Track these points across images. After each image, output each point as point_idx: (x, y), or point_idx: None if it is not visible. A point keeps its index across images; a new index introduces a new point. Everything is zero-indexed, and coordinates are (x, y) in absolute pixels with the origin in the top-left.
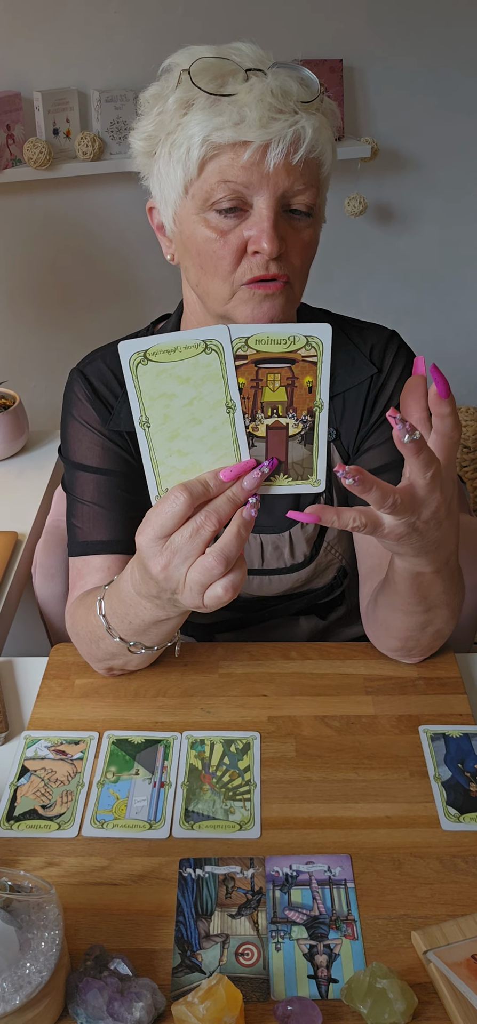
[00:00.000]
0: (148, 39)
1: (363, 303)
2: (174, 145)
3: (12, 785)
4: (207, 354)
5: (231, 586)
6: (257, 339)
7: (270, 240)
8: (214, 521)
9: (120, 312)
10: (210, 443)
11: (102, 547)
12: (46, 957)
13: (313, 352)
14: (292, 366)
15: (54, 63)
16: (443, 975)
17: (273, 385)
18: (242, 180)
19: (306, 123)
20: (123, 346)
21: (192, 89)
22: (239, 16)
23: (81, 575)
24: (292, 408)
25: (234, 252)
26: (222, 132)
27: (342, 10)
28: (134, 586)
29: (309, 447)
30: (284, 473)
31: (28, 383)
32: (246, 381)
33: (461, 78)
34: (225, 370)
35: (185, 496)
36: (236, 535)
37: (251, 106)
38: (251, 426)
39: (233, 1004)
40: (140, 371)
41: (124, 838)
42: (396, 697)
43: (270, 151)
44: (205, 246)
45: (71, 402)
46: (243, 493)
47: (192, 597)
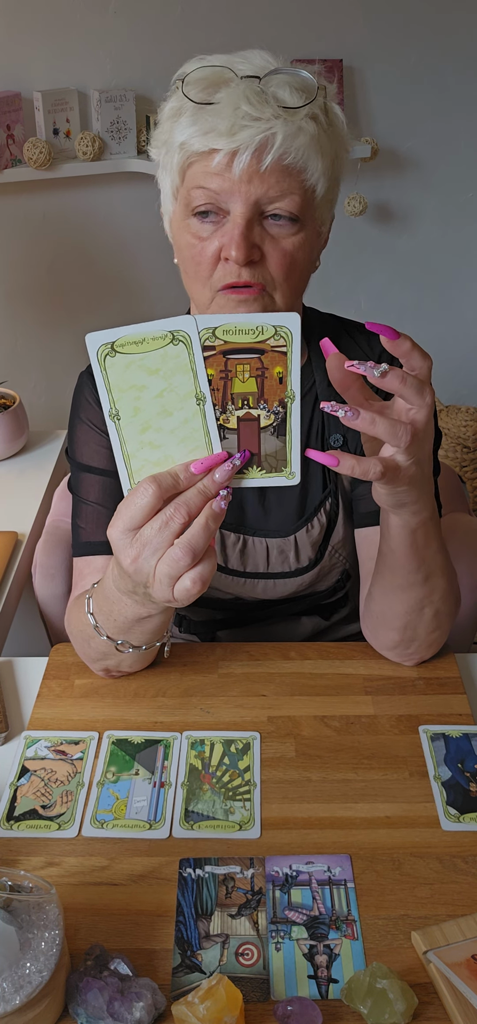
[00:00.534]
0: (147, 39)
1: (362, 303)
2: (166, 152)
3: (12, 785)
4: (175, 345)
5: (199, 578)
6: (224, 329)
7: (237, 247)
8: (183, 513)
9: (120, 312)
10: (182, 435)
11: (105, 548)
12: (46, 957)
13: (282, 342)
14: (261, 356)
15: (54, 63)
16: (443, 975)
17: (243, 376)
18: (215, 187)
19: (279, 129)
20: (90, 337)
21: (182, 98)
22: (238, 16)
23: (83, 575)
24: (263, 399)
25: (210, 258)
26: (194, 140)
27: (342, 10)
28: (114, 582)
29: (282, 439)
30: (257, 465)
31: (28, 383)
32: (215, 372)
33: (461, 78)
34: (193, 361)
35: (154, 488)
36: (204, 527)
37: (223, 114)
38: (222, 418)
39: (233, 1004)
40: (108, 363)
41: (124, 838)
42: (396, 697)
43: (237, 158)
44: (187, 251)
45: (79, 404)
46: (214, 486)
47: (162, 590)
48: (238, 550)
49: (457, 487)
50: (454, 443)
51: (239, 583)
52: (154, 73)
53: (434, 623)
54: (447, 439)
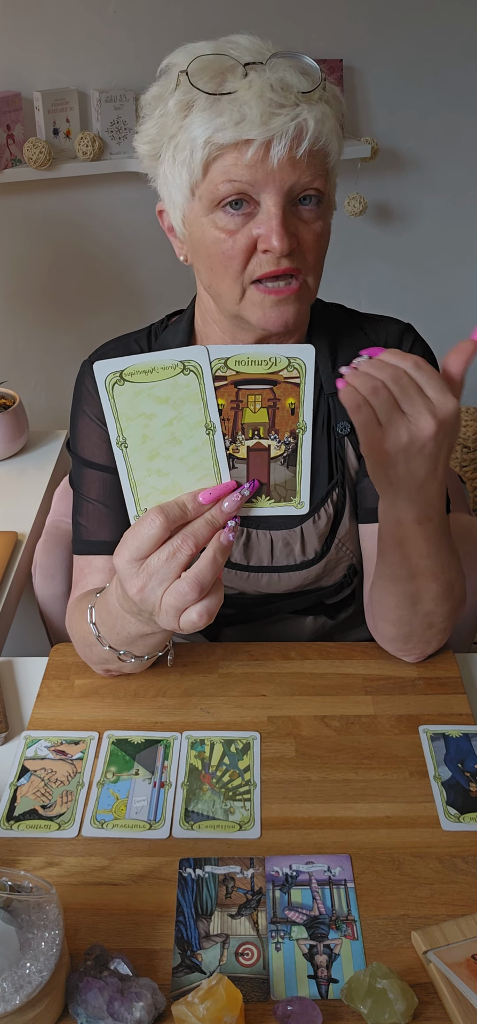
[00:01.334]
0: (147, 39)
1: (362, 303)
2: (177, 148)
3: (12, 785)
4: (185, 375)
5: (206, 612)
6: (237, 360)
7: (280, 238)
8: (191, 545)
9: (120, 312)
10: (191, 463)
11: (105, 547)
12: (46, 957)
13: (295, 373)
14: (274, 387)
15: (54, 63)
16: (443, 975)
17: (254, 406)
18: (247, 179)
19: (308, 115)
20: (98, 366)
21: (191, 90)
22: (238, 16)
23: (83, 574)
24: (274, 430)
25: (243, 251)
26: (224, 132)
27: (342, 10)
28: (118, 601)
29: (292, 469)
30: (266, 495)
31: (28, 383)
32: (226, 402)
33: (461, 78)
34: (204, 391)
35: (161, 519)
36: (211, 561)
37: (251, 103)
38: (232, 447)
39: (233, 1004)
40: (116, 391)
41: (124, 838)
42: (396, 697)
43: (273, 147)
44: (214, 247)
45: (82, 396)
46: (222, 516)
47: (167, 620)
48: (242, 543)
49: (457, 487)
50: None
51: (243, 577)
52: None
53: (426, 622)
54: None
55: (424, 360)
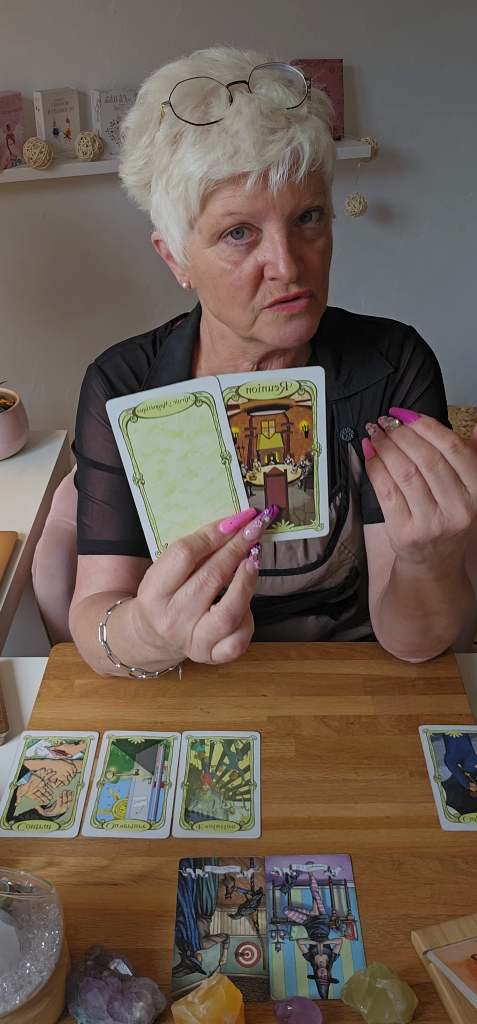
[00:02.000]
0: (147, 39)
1: (362, 303)
2: (170, 182)
3: (12, 785)
4: (198, 406)
5: (239, 643)
6: (248, 387)
7: (288, 265)
8: (217, 577)
9: (120, 312)
10: (208, 495)
11: (110, 547)
12: (46, 957)
13: (307, 396)
14: (286, 412)
15: (54, 63)
16: (443, 975)
17: (268, 432)
18: (248, 210)
19: (302, 136)
20: (111, 405)
21: (177, 122)
22: (238, 16)
23: (87, 575)
24: (289, 454)
25: (250, 280)
26: (219, 167)
27: (342, 10)
28: (138, 633)
29: (310, 491)
30: (285, 519)
31: (28, 383)
32: (240, 430)
33: (461, 78)
34: (217, 421)
35: (185, 553)
36: (241, 592)
37: (243, 134)
38: (248, 475)
39: (233, 1004)
40: (130, 428)
41: (124, 838)
42: (396, 697)
43: (271, 176)
44: (220, 279)
45: (88, 398)
46: (245, 544)
47: (199, 653)
48: None
49: None
50: None
51: None
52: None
53: (436, 641)
54: None
55: (462, 441)
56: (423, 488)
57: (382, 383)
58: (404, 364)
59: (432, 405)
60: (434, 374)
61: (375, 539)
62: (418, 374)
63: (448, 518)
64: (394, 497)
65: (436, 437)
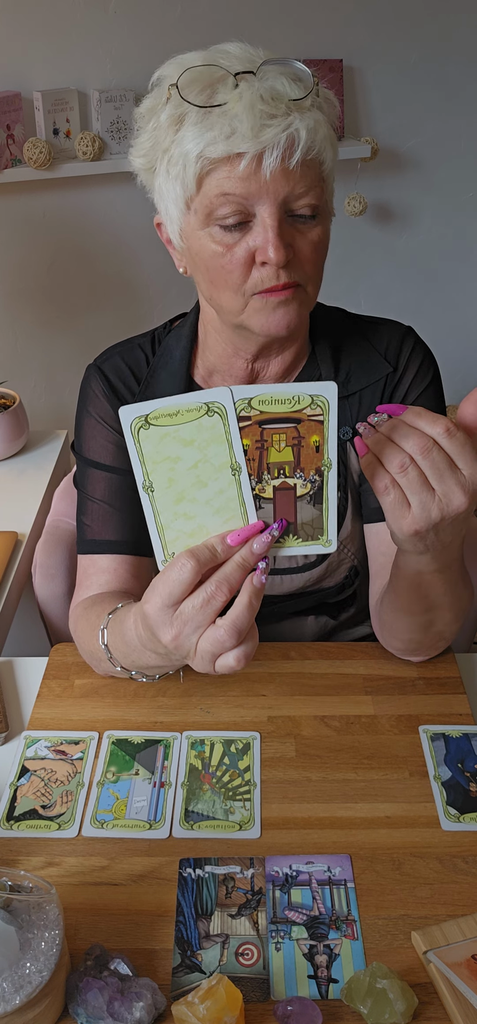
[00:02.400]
0: (147, 39)
1: (362, 303)
2: (170, 162)
3: (12, 785)
4: (210, 416)
5: (243, 656)
6: (261, 400)
7: (276, 249)
8: (225, 591)
9: (119, 312)
10: (217, 505)
11: (110, 547)
12: (46, 957)
13: (319, 411)
14: (298, 426)
15: (54, 63)
16: (443, 975)
17: (279, 445)
18: (241, 191)
19: (300, 124)
20: (123, 411)
21: (182, 104)
22: (238, 16)
23: (87, 574)
24: (299, 468)
25: (242, 264)
26: (215, 146)
27: (342, 10)
28: (140, 640)
29: (319, 507)
30: (294, 534)
31: (28, 383)
32: (251, 442)
33: (461, 78)
34: (229, 432)
35: (192, 563)
36: (247, 606)
37: (241, 116)
38: (258, 487)
39: (233, 1004)
40: (142, 435)
41: (124, 838)
42: (396, 697)
43: (265, 159)
44: (212, 261)
45: (87, 397)
46: (253, 557)
47: (203, 665)
48: None
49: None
50: None
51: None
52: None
53: (437, 638)
54: None
55: (454, 425)
56: (419, 477)
57: (381, 383)
58: (403, 364)
59: (431, 405)
60: (433, 374)
61: (375, 538)
62: (417, 374)
63: (447, 503)
64: (392, 491)
65: (428, 423)
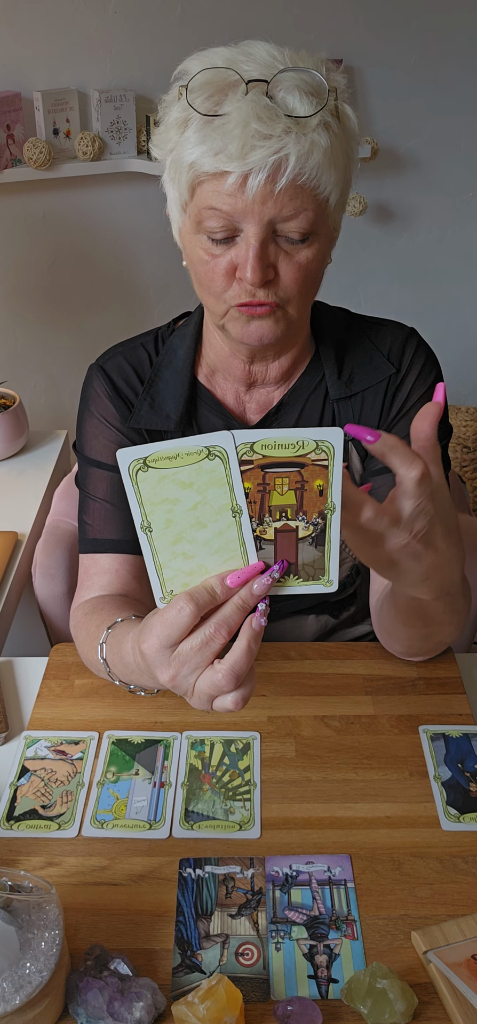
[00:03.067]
0: (147, 39)
1: (362, 303)
2: (173, 163)
3: (12, 785)
4: (210, 460)
5: (241, 700)
6: (263, 444)
7: (252, 270)
8: (224, 634)
9: (119, 312)
10: (216, 546)
11: (111, 546)
12: (46, 957)
13: (324, 456)
14: (301, 470)
15: (54, 63)
16: (443, 975)
17: (281, 489)
18: (227, 208)
19: (292, 148)
20: (121, 454)
21: (187, 108)
22: (238, 16)
23: (89, 574)
24: (302, 511)
25: (224, 275)
26: (204, 160)
27: (342, 10)
28: (138, 667)
29: (321, 548)
30: (294, 575)
31: (28, 383)
32: (252, 485)
33: (461, 78)
34: (230, 476)
35: (191, 607)
36: (246, 651)
37: (234, 133)
38: (259, 529)
39: (233, 1004)
40: (140, 477)
41: (124, 838)
42: (396, 697)
43: (250, 180)
44: (199, 266)
45: (89, 397)
46: (252, 599)
47: (201, 704)
48: None
49: (457, 487)
50: (454, 443)
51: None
52: (154, 73)
53: (439, 645)
54: None
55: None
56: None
57: (383, 384)
58: (406, 365)
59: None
60: (435, 376)
61: None
62: (419, 376)
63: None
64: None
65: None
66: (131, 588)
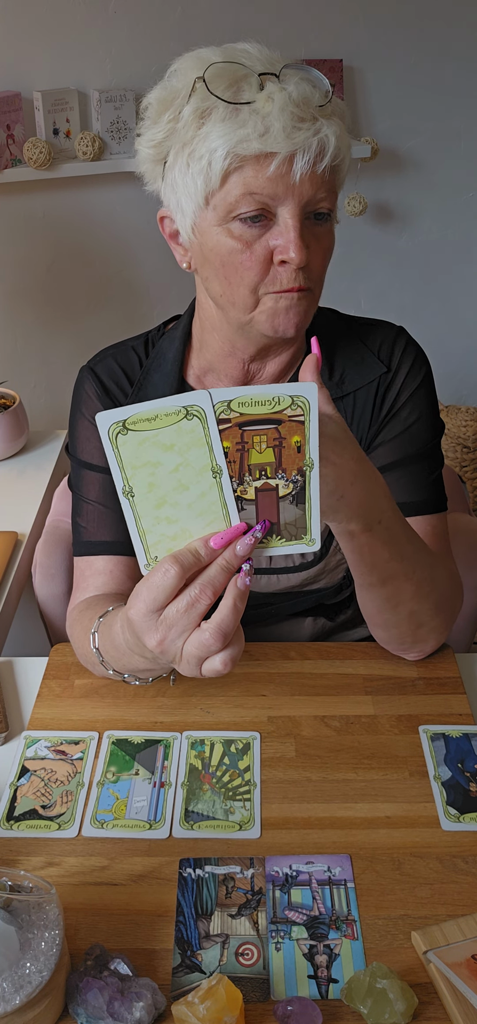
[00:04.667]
0: (147, 39)
1: (362, 303)
2: (192, 156)
3: (12, 785)
4: (189, 420)
5: (230, 660)
6: (240, 402)
7: (298, 250)
8: (209, 594)
9: (119, 312)
10: (199, 509)
11: (106, 547)
12: (46, 957)
13: (299, 412)
14: (278, 427)
15: (54, 63)
16: (443, 975)
17: (259, 447)
18: (268, 192)
19: (328, 131)
20: (100, 417)
21: (209, 97)
22: (238, 16)
23: (84, 576)
24: (281, 469)
25: (261, 262)
26: (248, 144)
27: (342, 10)
28: (126, 644)
29: (301, 506)
30: (277, 535)
31: (28, 383)
32: (231, 444)
33: (460, 78)
34: (209, 435)
35: (176, 569)
36: (232, 609)
37: (275, 116)
38: (239, 489)
39: (233, 1004)
40: (120, 441)
41: (124, 838)
42: (396, 697)
43: (296, 162)
44: (230, 257)
45: (81, 399)
46: (236, 560)
47: (189, 669)
48: None
49: (457, 487)
50: (454, 443)
51: None
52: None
53: (413, 622)
54: (447, 439)
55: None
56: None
57: (374, 383)
58: (395, 363)
59: (423, 404)
60: (424, 373)
61: None
62: (409, 373)
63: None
64: None
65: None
66: (126, 588)
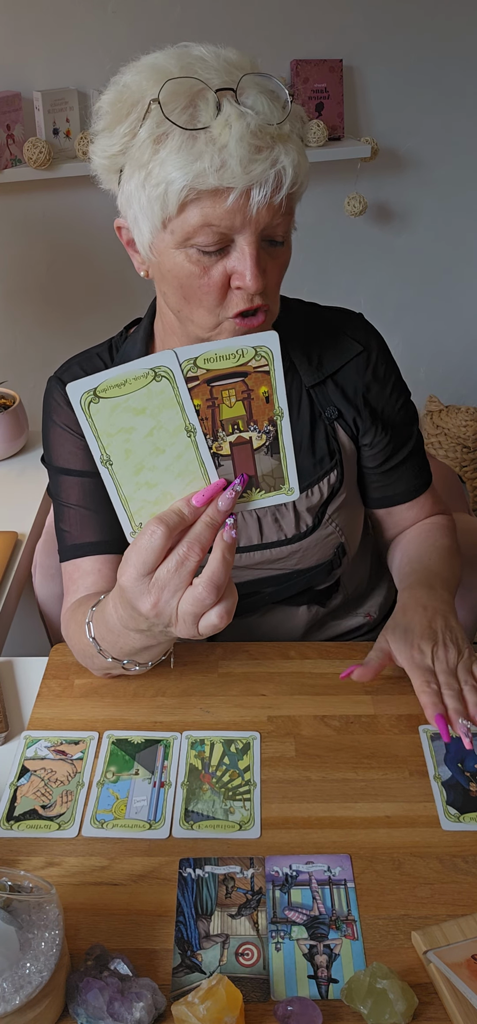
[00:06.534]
0: (147, 39)
1: (362, 303)
2: (149, 180)
3: (12, 785)
4: (158, 381)
5: (225, 613)
6: (205, 358)
7: (254, 278)
8: (197, 551)
9: (119, 312)
10: (177, 470)
11: (92, 548)
12: (46, 957)
13: (264, 361)
14: (245, 379)
15: (54, 63)
16: (443, 975)
17: (229, 401)
18: (226, 224)
19: (286, 160)
20: (71, 387)
21: (164, 122)
22: (238, 16)
23: (73, 580)
24: (252, 421)
25: (218, 287)
26: (204, 179)
27: (342, 10)
28: (120, 621)
29: (277, 456)
30: (256, 487)
31: (28, 383)
32: (201, 402)
33: (460, 78)
34: (179, 394)
35: (162, 529)
36: (221, 560)
37: (232, 149)
38: (214, 446)
39: (233, 1004)
40: (93, 410)
41: (124, 838)
42: (396, 697)
43: (253, 195)
44: (188, 280)
45: (51, 408)
46: (219, 515)
47: (186, 628)
48: None
49: (457, 487)
50: (454, 443)
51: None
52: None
53: None
54: (447, 439)
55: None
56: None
57: (360, 362)
58: (370, 344)
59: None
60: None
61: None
62: (380, 351)
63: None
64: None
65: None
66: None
